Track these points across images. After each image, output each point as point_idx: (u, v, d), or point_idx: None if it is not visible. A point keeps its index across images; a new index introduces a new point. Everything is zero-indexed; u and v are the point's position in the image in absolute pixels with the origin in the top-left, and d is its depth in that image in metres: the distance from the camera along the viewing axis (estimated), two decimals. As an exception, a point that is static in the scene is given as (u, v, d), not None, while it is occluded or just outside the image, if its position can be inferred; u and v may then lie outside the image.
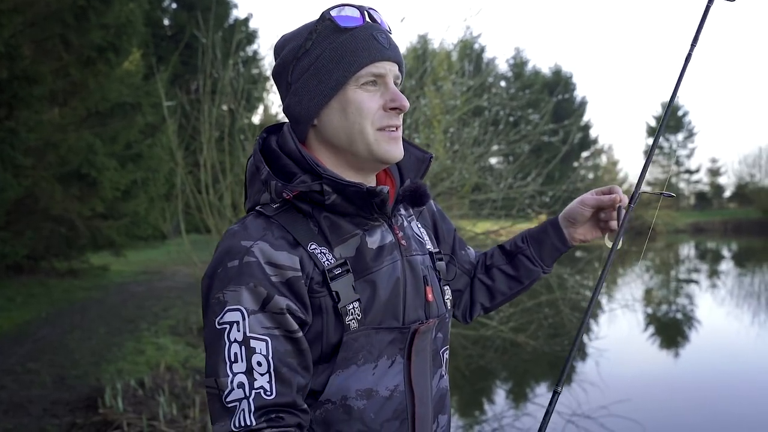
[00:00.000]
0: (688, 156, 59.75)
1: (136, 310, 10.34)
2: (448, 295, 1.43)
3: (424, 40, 14.43)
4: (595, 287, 1.46)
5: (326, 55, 1.21)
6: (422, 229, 1.46)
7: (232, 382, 1.11)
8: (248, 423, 1.10)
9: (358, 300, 1.21)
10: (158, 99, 9.39)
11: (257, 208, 1.26)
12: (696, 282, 20.17)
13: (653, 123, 59.67)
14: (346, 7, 1.24)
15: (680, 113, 59.17)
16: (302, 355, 1.17)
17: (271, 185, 1.23)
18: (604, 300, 12.88)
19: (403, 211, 1.40)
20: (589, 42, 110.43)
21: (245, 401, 1.11)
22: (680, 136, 59.38)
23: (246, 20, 25.58)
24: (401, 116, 1.28)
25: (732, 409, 7.20)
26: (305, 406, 1.17)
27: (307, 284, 1.18)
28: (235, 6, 25.72)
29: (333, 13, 1.23)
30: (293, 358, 1.15)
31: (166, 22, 25.45)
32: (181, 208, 7.96)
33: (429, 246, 1.43)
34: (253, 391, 1.11)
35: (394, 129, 1.26)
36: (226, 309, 1.14)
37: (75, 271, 13.67)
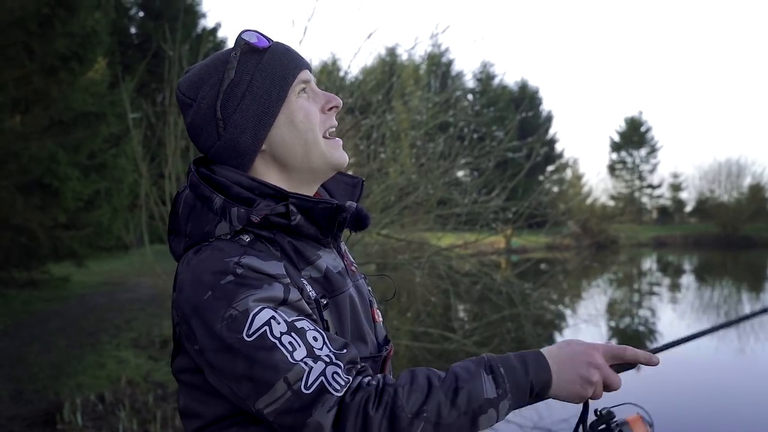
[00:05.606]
0: (651, 171, 60.64)
1: (97, 322, 10.19)
2: (381, 318, 1.44)
3: (392, 53, 14.52)
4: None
5: (258, 76, 1.22)
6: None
7: (305, 363, 1.05)
8: (347, 380, 1.06)
9: (336, 333, 1.20)
10: (123, 109, 9.30)
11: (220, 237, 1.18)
12: (658, 295, 20.50)
13: (617, 138, 60.63)
14: (248, 31, 1.24)
15: (643, 129, 60.18)
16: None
17: (231, 212, 1.16)
18: (568, 313, 13.02)
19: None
20: (555, 55, 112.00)
21: (330, 367, 1.06)
22: (643, 152, 60.34)
23: (214, 29, 25.45)
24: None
25: (691, 420, 7.33)
26: None
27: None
28: (204, 15, 25.57)
29: (245, 37, 1.23)
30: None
31: (132, 30, 25.23)
32: (145, 219, 7.91)
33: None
34: (332, 355, 1.07)
35: (333, 129, 1.28)
36: (251, 315, 1.06)
37: (35, 282, 13.40)
